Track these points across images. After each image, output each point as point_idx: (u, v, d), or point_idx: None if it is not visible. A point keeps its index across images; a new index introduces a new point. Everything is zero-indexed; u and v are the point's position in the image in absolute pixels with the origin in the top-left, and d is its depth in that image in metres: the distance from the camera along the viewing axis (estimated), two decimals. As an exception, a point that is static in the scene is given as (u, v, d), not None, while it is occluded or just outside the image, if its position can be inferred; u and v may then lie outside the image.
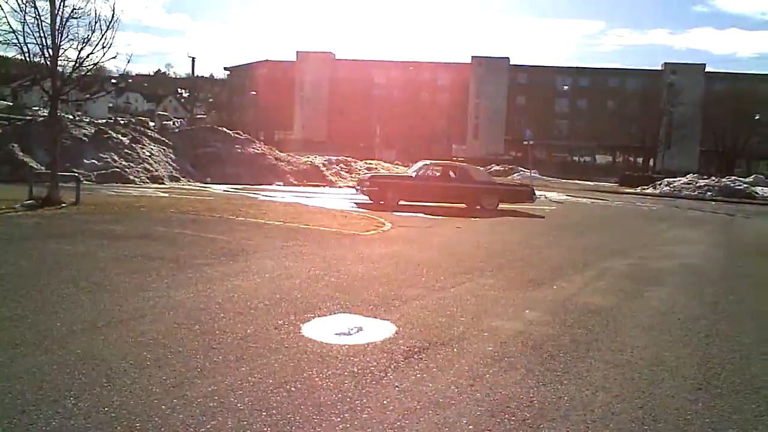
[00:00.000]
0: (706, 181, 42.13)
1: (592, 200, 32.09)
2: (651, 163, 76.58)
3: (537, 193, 23.90)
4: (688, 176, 44.21)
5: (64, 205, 13.98)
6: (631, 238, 16.18)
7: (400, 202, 19.91)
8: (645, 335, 6.65)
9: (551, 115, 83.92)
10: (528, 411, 4.40)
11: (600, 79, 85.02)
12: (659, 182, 44.92)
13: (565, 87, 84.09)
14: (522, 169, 52.04)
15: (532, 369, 5.29)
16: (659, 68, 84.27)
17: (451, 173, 21.72)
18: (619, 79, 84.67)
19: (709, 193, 39.45)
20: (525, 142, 41.48)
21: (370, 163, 35.57)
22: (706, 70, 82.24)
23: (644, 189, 44.07)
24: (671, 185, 42.81)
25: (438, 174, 21.59)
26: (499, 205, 21.40)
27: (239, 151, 28.89)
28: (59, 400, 4.06)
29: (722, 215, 26.92)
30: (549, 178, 51.12)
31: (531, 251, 12.27)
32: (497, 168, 56.63)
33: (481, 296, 7.92)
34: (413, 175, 21.82)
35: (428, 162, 23.19)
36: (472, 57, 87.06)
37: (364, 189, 20.75)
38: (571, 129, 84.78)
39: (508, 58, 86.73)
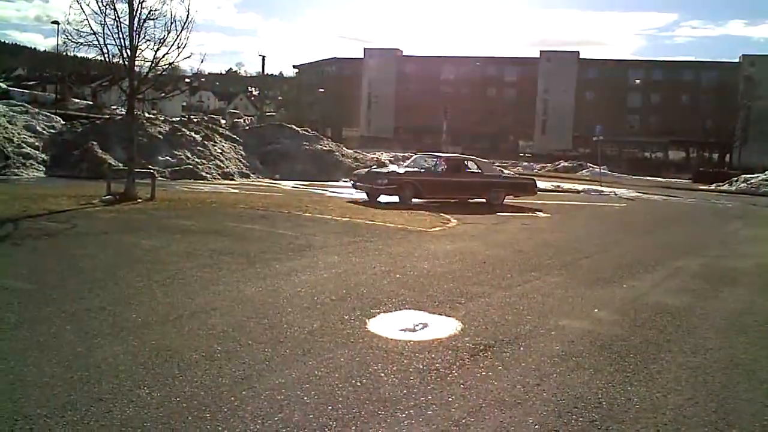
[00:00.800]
0: (786, 177, 40.33)
1: (664, 197, 31.17)
2: (727, 159, 73.85)
3: (606, 189, 23.17)
4: (766, 173, 42.42)
5: (139, 200, 14.46)
6: (705, 237, 15.66)
7: (412, 200, 18.31)
8: (719, 337, 6.44)
9: (622, 110, 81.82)
10: (596, 412, 4.33)
11: (673, 73, 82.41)
12: (735, 179, 43.25)
13: (637, 81, 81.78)
14: (591, 165, 50.95)
15: (601, 369, 5.19)
16: (736, 60, 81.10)
17: (459, 166, 20.13)
18: (694, 72, 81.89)
19: (789, 190, 37.74)
20: (594, 138, 40.60)
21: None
22: (788, 61, 78.64)
23: (719, 186, 42.52)
24: (748, 182, 41.14)
25: (444, 168, 19.50)
26: (505, 199, 19.98)
27: (307, 147, 29.26)
28: (134, 390, 4.22)
29: (804, 213, 25.74)
30: (619, 175, 49.90)
31: (600, 249, 12.02)
32: (565, 164, 55.66)
33: (548, 294, 7.81)
34: (420, 170, 19.69)
35: (423, 155, 22.21)
36: (541, 52, 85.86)
37: (368, 185, 18.62)
38: (643, 124, 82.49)
39: (577, 52, 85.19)
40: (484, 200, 19.62)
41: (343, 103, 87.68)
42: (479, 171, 20.45)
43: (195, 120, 31.09)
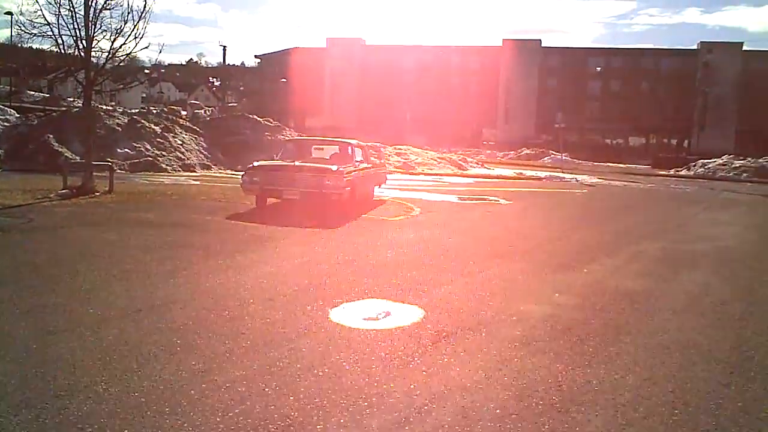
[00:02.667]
0: (741, 162, 41.23)
1: (625, 183, 31.64)
2: (685, 144, 75.23)
3: (568, 176, 23.28)
4: (723, 157, 43.30)
5: (97, 193, 14.19)
6: (664, 221, 15.93)
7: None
8: (677, 319, 6.56)
9: (583, 98, 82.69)
10: (556, 395, 4.37)
11: (633, 60, 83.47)
12: (693, 164, 44.08)
13: (598, 69, 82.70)
14: (553, 152, 51.52)
15: (561, 353, 5.25)
16: (694, 47, 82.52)
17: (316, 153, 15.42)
18: (653, 60, 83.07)
19: (744, 175, 38.61)
20: (556, 125, 41.07)
21: (399, 149, 35.44)
22: (744, 48, 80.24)
23: (678, 171, 43.30)
24: (706, 167, 42.00)
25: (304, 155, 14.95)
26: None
27: (269, 138, 28.98)
28: (91, 386, 4.14)
29: (757, 197, 26.34)
30: (581, 161, 50.51)
31: (561, 235, 12.15)
32: (527, 152, 56.16)
33: (509, 280, 7.87)
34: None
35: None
36: (503, 40, 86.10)
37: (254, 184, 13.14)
38: (604, 111, 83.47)
39: (539, 40, 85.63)
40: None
41: (305, 93, 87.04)
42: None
43: (155, 111, 30.56)
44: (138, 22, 14.58)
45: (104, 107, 29.16)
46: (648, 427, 3.97)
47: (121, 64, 15.82)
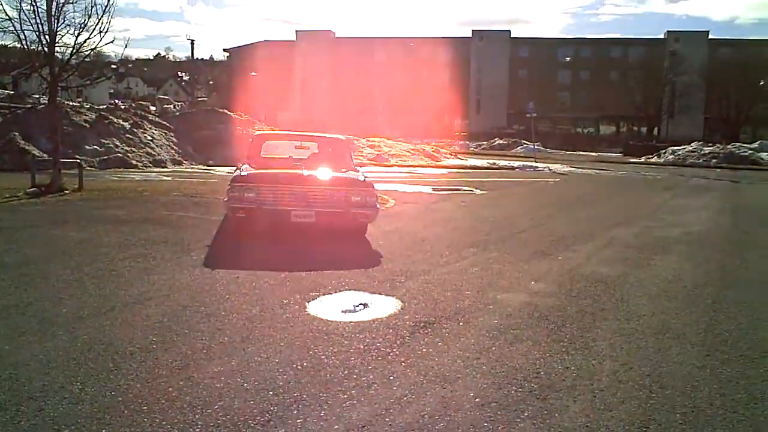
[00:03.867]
0: (710, 148, 41.89)
1: (597, 171, 31.95)
2: (655, 132, 76.09)
3: (540, 165, 23.44)
4: (692, 144, 43.96)
5: (66, 191, 13.97)
6: (636, 208, 16.11)
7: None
8: (651, 303, 6.64)
9: (554, 88, 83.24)
10: (535, 382, 4.40)
11: (602, 50, 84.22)
12: (663, 151, 44.71)
13: (567, 59, 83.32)
14: (525, 142, 51.83)
15: (539, 340, 5.28)
16: (662, 37, 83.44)
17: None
18: (622, 49, 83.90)
19: (714, 161, 39.23)
20: (528, 115, 41.25)
21: (372, 141, 35.39)
22: (710, 37, 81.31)
23: (649, 158, 43.86)
24: (676, 154, 42.60)
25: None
26: None
27: (241, 132, 28.78)
28: (66, 386, 4.07)
29: (727, 182, 26.80)
30: (553, 151, 50.92)
31: (535, 223, 12.23)
32: (500, 142, 56.44)
33: (486, 269, 7.90)
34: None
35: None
36: (473, 31, 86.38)
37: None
38: (574, 101, 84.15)
39: (509, 31, 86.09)
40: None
41: (276, 86, 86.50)
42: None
43: (123, 107, 30.14)
44: (102, 16, 14.34)
45: (71, 103, 28.69)
46: (626, 410, 4.01)
47: (86, 59, 15.58)
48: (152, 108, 41.28)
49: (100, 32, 14.41)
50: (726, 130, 68.44)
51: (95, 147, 23.07)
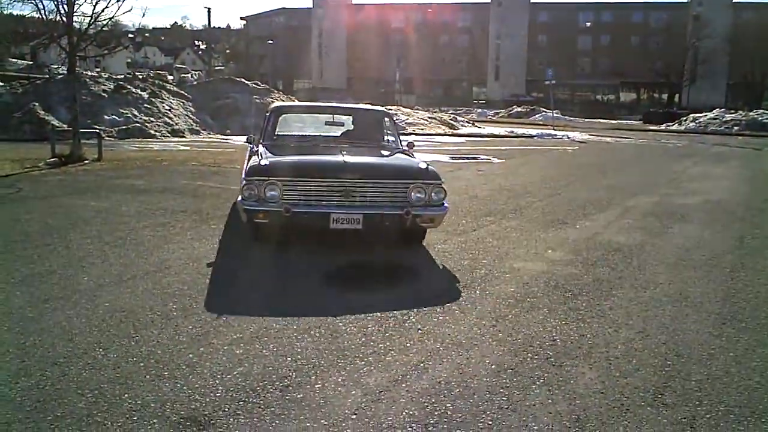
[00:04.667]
0: (732, 115, 41.25)
1: (616, 139, 31.63)
2: (676, 99, 75.03)
3: (559, 133, 23.22)
4: (714, 111, 43.32)
5: (86, 161, 14.09)
6: (655, 176, 15.97)
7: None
8: (669, 272, 6.62)
9: (573, 54, 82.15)
10: (551, 350, 4.42)
11: (623, 14, 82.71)
12: (684, 118, 44.12)
13: (588, 24, 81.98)
14: (544, 109, 51.34)
15: (555, 308, 5.30)
16: (685, 1, 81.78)
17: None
18: (643, 14, 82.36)
19: (736, 128, 38.66)
20: (546, 82, 40.82)
21: (389, 109, 35.25)
22: (734, 0, 79.50)
23: (669, 126, 43.35)
24: (697, 121, 42.02)
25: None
26: None
27: (258, 101, 28.75)
28: (89, 352, 4.16)
29: (749, 150, 26.43)
30: (571, 118, 50.41)
31: (553, 192, 12.17)
32: (518, 110, 55.95)
33: (503, 238, 7.91)
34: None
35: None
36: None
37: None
38: (594, 67, 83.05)
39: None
40: None
41: (293, 54, 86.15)
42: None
43: (141, 77, 30.16)
44: (119, -16, 14.33)
45: (89, 73, 28.78)
46: (641, 378, 4.03)
47: (104, 28, 15.58)
48: (170, 77, 41.28)
49: (118, 1, 14.44)
50: (749, 96, 67.22)
51: (114, 117, 23.17)
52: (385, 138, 8.65)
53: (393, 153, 7.83)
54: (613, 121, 52.15)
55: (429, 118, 35.16)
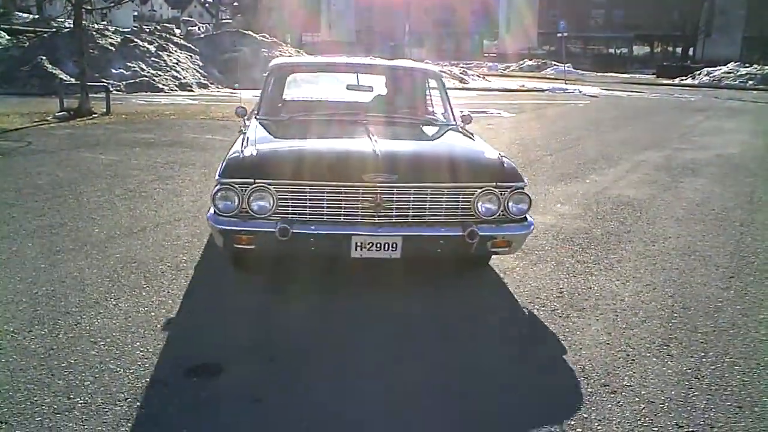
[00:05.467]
0: (747, 69, 40.55)
1: (628, 93, 31.24)
2: (690, 52, 73.78)
3: (571, 87, 22.88)
4: (729, 65, 42.58)
5: (95, 115, 14.07)
6: (667, 130, 15.80)
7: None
8: (678, 226, 6.60)
9: (586, 5, 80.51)
10: (557, 302, 4.45)
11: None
12: (698, 72, 43.44)
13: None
14: (555, 63, 50.66)
15: (562, 261, 5.32)
16: (702, -50, 79.77)
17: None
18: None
19: (750, 82, 38.05)
20: (559, 35, 40.18)
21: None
22: (753, -51, 77.46)
23: (682, 80, 42.67)
24: (711, 75, 41.38)
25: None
26: None
27: (266, 54, 28.48)
28: (100, 302, 4.21)
29: (763, 104, 26.06)
30: (584, 72, 49.74)
31: (563, 146, 12.09)
32: (529, 63, 55.22)
33: (512, 192, 7.88)
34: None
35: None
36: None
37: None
38: (607, 19, 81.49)
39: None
40: None
41: (302, 7, 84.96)
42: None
43: (148, 30, 29.85)
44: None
45: (96, 26, 28.51)
46: (647, 329, 4.06)
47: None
48: (177, 31, 40.86)
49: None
50: (765, 50, 65.97)
51: (121, 70, 23.04)
52: (431, 109, 6.17)
53: (444, 133, 5.37)
54: (626, 75, 51.43)
55: (439, 72, 34.79)
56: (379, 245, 4.05)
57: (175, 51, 26.36)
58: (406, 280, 4.59)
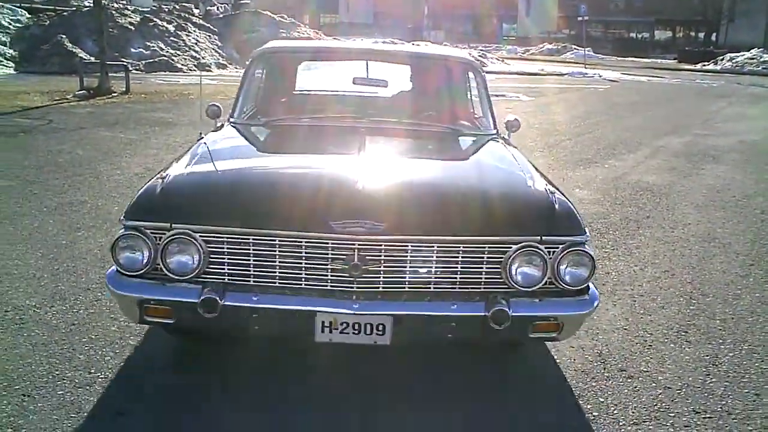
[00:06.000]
0: (771, 55, 39.96)
1: (649, 78, 30.89)
2: (713, 37, 72.75)
3: (591, 72, 22.60)
4: (752, 51, 41.94)
5: (114, 94, 14.14)
6: (688, 116, 15.64)
7: None
8: (698, 212, 6.55)
9: (608, -11, 79.61)
10: (575, 286, 4.43)
11: (661, -53, 79.67)
12: (720, 58, 42.84)
13: (624, -43, 79.16)
14: (575, 47, 50.16)
15: (581, 246, 5.29)
16: (727, -68, 78.40)
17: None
18: (683, -54, 79.25)
19: (774, 69, 37.50)
20: (579, 19, 39.78)
21: (417, 45, 34.65)
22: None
23: (704, 65, 42.11)
24: (733, 61, 40.79)
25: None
26: None
27: (284, 35, 28.45)
28: (121, 278, 4.25)
29: (787, 91, 25.69)
30: (604, 57, 49.24)
31: (582, 131, 12.00)
32: (549, 47, 54.73)
33: (530, 176, 7.84)
34: None
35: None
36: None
37: None
38: (628, 3, 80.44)
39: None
40: None
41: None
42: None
43: (167, 9, 29.88)
44: None
45: (115, 5, 28.59)
46: (665, 315, 4.04)
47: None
48: (195, 10, 40.87)
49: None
50: (790, 35, 64.92)
51: (140, 50, 23.09)
52: (469, 110, 4.56)
53: (476, 149, 3.94)
54: (647, 60, 50.84)
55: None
56: (357, 327, 2.69)
57: (194, 31, 26.37)
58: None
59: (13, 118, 10.60)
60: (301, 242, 2.65)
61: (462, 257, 2.71)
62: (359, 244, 2.63)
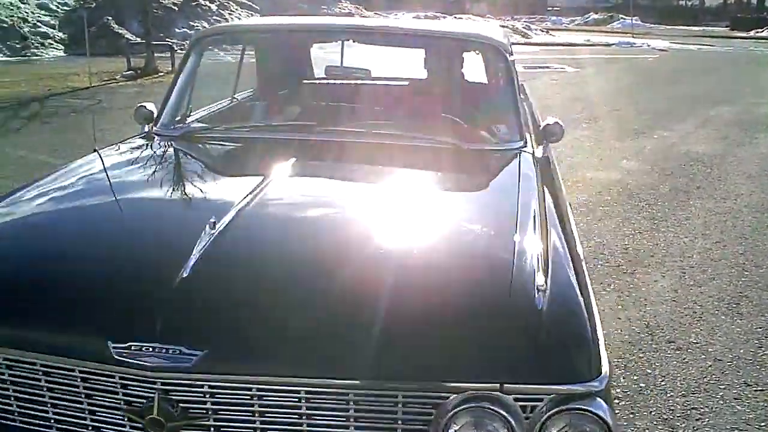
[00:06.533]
0: (830, 19, 38.41)
1: (699, 46, 30.00)
2: (767, 3, 70.14)
3: (638, 41, 21.94)
4: (810, 15, 40.38)
5: (161, 73, 14.34)
6: (741, 85, 15.15)
7: None
8: (751, 182, 6.38)
9: (656, -45, 77.28)
10: (622, 258, 4.38)
11: None
12: (776, 24, 41.34)
13: None
14: (622, 16, 48.95)
15: (629, 217, 5.22)
16: None
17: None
18: None
19: (834, 33, 36.05)
20: (626, -13, 38.77)
21: (459, 18, 34.24)
22: None
23: (758, 32, 40.68)
24: (790, 26, 39.34)
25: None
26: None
27: (326, 11, 28.41)
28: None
29: None
30: (652, 25, 47.94)
31: (630, 101, 11.74)
32: (595, 17, 53.53)
33: (576, 148, 7.73)
34: None
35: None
36: None
37: None
38: (679, -31, 78.07)
39: None
40: None
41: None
42: None
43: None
44: None
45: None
46: (716, 287, 3.97)
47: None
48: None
49: None
50: None
51: (184, 29, 23.34)
52: (484, 111, 3.31)
53: (473, 186, 2.53)
54: (697, 29, 49.31)
55: (501, 27, 34.10)
56: None
57: (236, 9, 26.51)
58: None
59: (65, 99, 10.85)
60: (76, 375, 1.51)
61: (354, 414, 1.44)
62: (161, 384, 1.44)
